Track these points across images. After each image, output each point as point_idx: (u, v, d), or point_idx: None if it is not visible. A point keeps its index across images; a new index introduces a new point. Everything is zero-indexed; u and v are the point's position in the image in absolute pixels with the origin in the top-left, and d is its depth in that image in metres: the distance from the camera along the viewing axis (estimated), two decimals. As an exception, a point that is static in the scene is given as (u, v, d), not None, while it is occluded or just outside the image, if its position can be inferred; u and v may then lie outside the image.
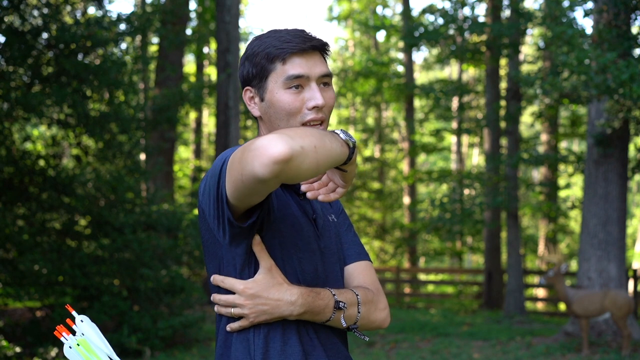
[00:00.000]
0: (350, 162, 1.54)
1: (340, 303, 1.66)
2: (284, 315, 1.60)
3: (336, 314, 1.65)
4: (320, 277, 1.67)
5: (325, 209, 1.79)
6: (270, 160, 1.32)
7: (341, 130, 1.54)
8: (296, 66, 1.62)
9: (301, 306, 1.60)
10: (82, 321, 1.58)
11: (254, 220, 1.54)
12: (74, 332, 1.57)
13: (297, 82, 1.62)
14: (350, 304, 1.68)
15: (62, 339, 1.56)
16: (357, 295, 1.71)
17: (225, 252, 1.59)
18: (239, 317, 1.62)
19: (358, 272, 1.80)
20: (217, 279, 1.62)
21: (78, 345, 1.55)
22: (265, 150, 1.33)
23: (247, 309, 1.59)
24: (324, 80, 1.66)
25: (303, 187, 1.60)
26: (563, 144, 26.15)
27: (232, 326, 1.62)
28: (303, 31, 1.66)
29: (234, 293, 1.61)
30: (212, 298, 1.65)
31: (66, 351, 1.54)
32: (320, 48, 1.66)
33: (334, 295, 1.66)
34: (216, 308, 1.65)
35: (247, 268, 1.59)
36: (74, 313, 1.59)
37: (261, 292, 1.58)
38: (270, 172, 1.33)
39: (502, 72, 15.24)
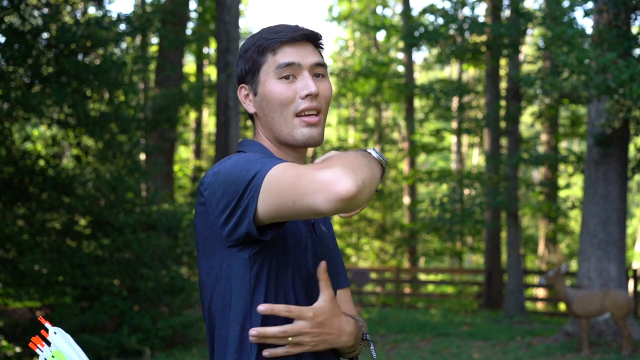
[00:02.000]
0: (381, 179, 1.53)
1: (366, 335, 1.68)
2: (339, 346, 1.56)
3: (361, 346, 1.67)
4: (314, 285, 1.60)
5: (320, 220, 1.73)
6: (337, 198, 1.29)
7: (373, 149, 1.51)
8: (287, 55, 1.59)
9: (354, 337, 1.59)
10: (55, 333, 1.57)
11: (275, 234, 1.48)
12: (49, 343, 1.57)
13: (289, 71, 1.58)
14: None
15: (37, 350, 1.55)
16: (361, 326, 1.72)
17: (226, 254, 1.52)
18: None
19: (346, 299, 1.80)
20: (277, 308, 1.47)
21: (53, 357, 1.55)
22: (334, 187, 1.29)
23: (309, 337, 1.50)
24: (318, 70, 1.62)
25: None
26: (563, 144, 26.16)
27: (275, 352, 1.51)
28: (295, 25, 1.63)
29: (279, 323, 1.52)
30: (260, 333, 1.47)
31: None
32: (312, 38, 1.63)
33: (362, 326, 1.68)
34: (256, 339, 1.48)
35: (249, 273, 1.52)
36: (47, 325, 1.57)
37: (327, 320, 1.52)
38: (334, 208, 1.31)
39: (502, 72, 15.24)
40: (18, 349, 8.14)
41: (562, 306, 15.65)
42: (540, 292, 17.86)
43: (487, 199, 13.82)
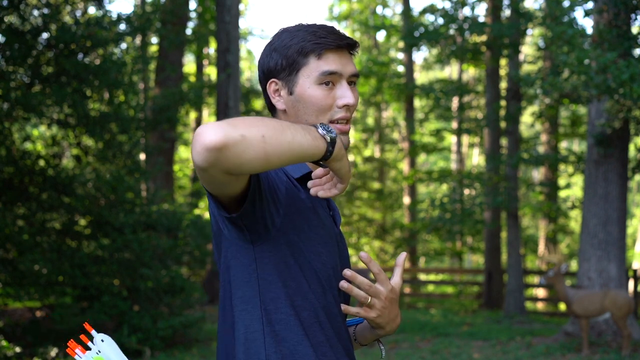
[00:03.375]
0: (333, 158, 1.46)
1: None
2: (389, 329, 1.64)
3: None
4: (338, 274, 1.61)
5: (336, 215, 1.75)
6: (202, 148, 1.29)
7: (321, 124, 1.47)
8: (331, 62, 1.61)
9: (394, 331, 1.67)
10: (102, 340, 1.55)
11: (245, 209, 1.47)
12: (88, 349, 1.55)
13: (330, 79, 1.61)
14: None
15: (75, 357, 1.52)
16: None
17: (234, 248, 1.55)
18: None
19: None
20: (372, 265, 1.53)
21: None
22: (199, 137, 1.30)
23: (380, 305, 1.57)
24: (353, 79, 1.66)
25: (309, 183, 1.54)
26: (563, 144, 26.15)
27: (348, 309, 1.57)
28: (334, 28, 1.66)
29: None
30: (353, 276, 1.52)
31: None
32: (352, 47, 1.67)
33: None
34: (346, 285, 1.55)
35: (255, 262, 1.53)
36: (93, 332, 1.56)
37: (394, 302, 1.61)
38: (204, 160, 1.30)
39: (502, 72, 15.24)
40: (18, 349, 8.14)
41: (562, 306, 15.65)
42: (540, 292, 17.86)
43: (487, 199, 13.82)
